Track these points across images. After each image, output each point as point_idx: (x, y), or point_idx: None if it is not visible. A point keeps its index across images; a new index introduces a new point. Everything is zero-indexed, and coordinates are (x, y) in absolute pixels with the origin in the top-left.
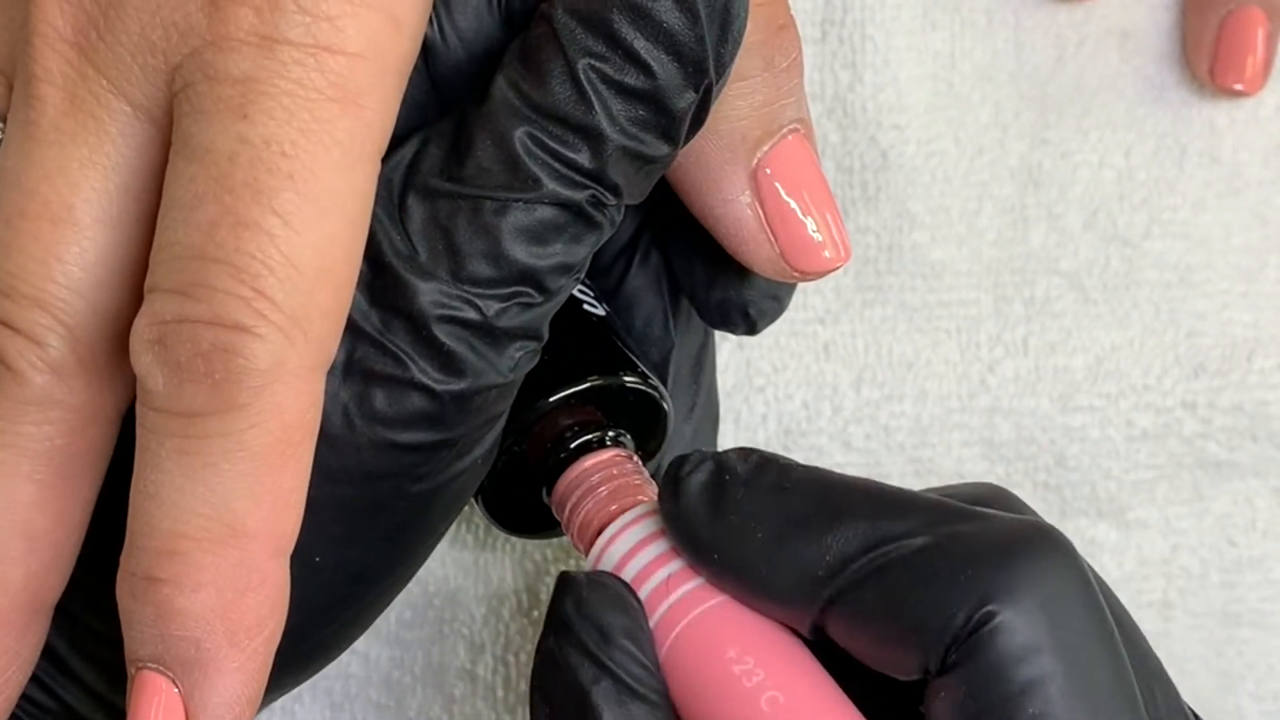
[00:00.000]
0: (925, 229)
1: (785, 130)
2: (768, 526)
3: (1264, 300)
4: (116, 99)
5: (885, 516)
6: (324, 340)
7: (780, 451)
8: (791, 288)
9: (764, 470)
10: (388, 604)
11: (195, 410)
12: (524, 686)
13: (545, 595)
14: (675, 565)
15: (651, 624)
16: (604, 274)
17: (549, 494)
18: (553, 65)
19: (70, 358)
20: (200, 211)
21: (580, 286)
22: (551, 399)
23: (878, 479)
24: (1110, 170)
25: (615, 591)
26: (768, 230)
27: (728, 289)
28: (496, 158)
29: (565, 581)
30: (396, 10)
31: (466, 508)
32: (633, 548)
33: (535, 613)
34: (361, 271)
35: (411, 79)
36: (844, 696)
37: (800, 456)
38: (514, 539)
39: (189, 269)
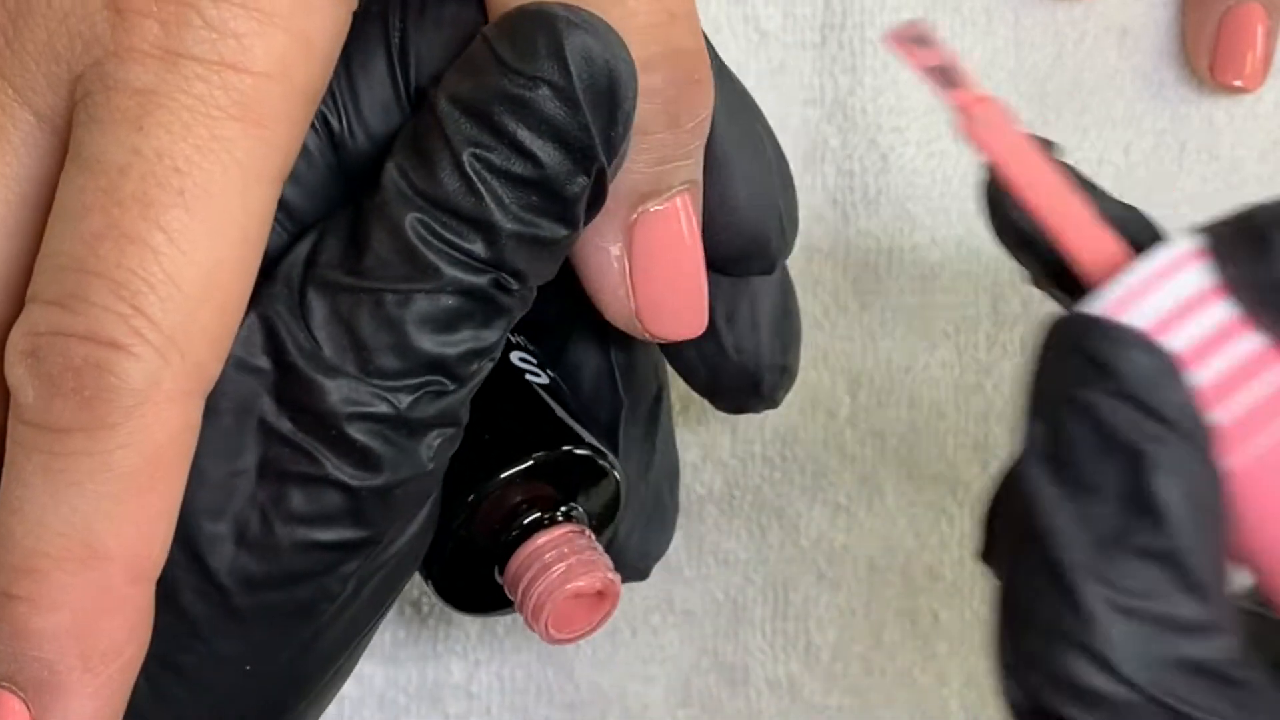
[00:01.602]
0: (925, 230)
1: (674, 191)
2: None
3: None
4: (20, 107)
5: None
6: (203, 363)
7: (776, 460)
8: (797, 353)
9: None
10: (329, 701)
11: (64, 426)
12: (519, 701)
13: None
14: (1254, 341)
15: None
16: (548, 337)
17: (501, 573)
18: (439, 155)
19: None
20: (85, 223)
21: (522, 354)
22: (495, 480)
23: (873, 486)
24: (1110, 167)
25: (1156, 345)
26: (628, 285)
27: (735, 378)
28: (393, 248)
29: (1080, 321)
30: (309, 31)
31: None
32: (1179, 308)
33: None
34: (267, 371)
35: (323, 173)
36: None
37: (796, 465)
38: None
39: (68, 281)
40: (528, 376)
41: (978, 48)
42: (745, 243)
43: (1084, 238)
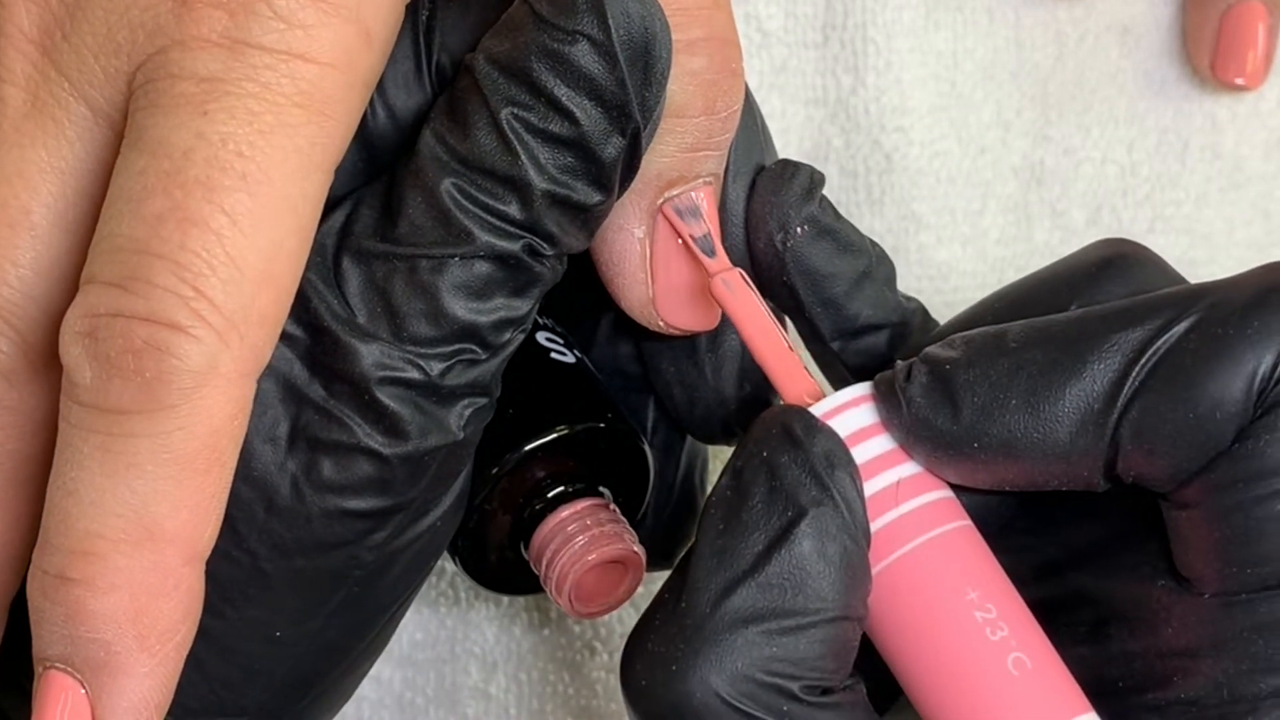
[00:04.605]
0: (931, 230)
1: (700, 180)
2: (1018, 390)
3: None
4: (76, 102)
5: (1128, 325)
6: (259, 346)
7: None
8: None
9: (978, 345)
10: (364, 673)
11: (122, 408)
12: (536, 704)
13: (555, 612)
14: (907, 469)
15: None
16: (579, 322)
17: (527, 548)
18: (477, 116)
19: (21, 363)
20: (147, 204)
21: (548, 334)
22: (519, 451)
23: None
24: (1113, 166)
25: (842, 440)
26: (649, 270)
27: (709, 406)
28: (427, 213)
29: (790, 409)
30: (370, 23)
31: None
32: (850, 435)
33: (546, 630)
34: (300, 339)
35: (349, 149)
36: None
37: None
38: None
39: (129, 262)
40: (553, 355)
41: (979, 47)
42: None
43: (790, 379)
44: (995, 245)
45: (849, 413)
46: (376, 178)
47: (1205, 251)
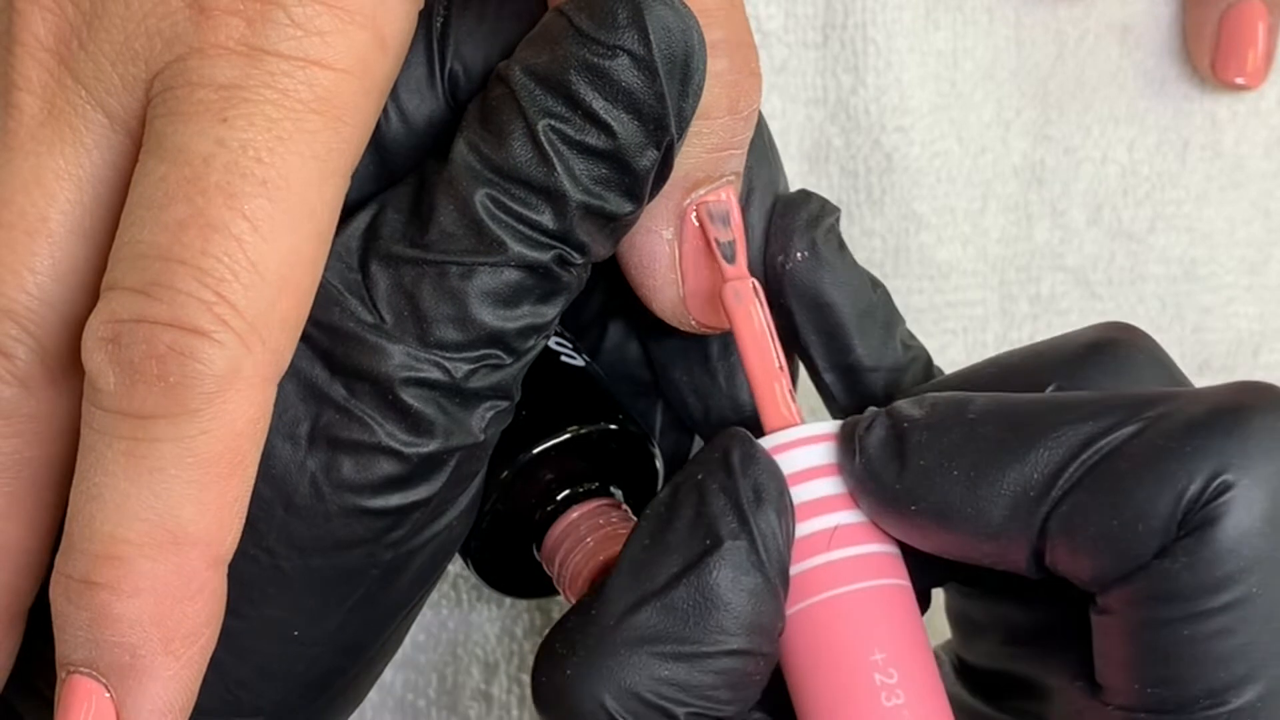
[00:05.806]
0: (931, 230)
1: (724, 179)
2: (962, 462)
3: (1269, 294)
4: (94, 110)
5: (1084, 418)
6: (280, 350)
7: None
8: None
9: (941, 409)
10: (379, 672)
11: (146, 412)
12: None
13: (557, 613)
14: (849, 517)
15: (794, 570)
16: (586, 328)
17: (539, 550)
18: (512, 126)
19: (39, 369)
20: (169, 211)
21: (557, 339)
22: (531, 453)
23: None
24: (1113, 165)
25: (783, 479)
26: (679, 271)
27: (724, 413)
28: (459, 222)
29: (736, 434)
30: (385, 30)
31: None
32: (800, 472)
33: (547, 632)
34: (321, 339)
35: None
36: None
37: None
38: None
39: (151, 268)
40: (563, 358)
41: (979, 46)
42: None
43: (768, 399)
44: (995, 245)
45: (810, 448)
46: (390, 182)
47: (1205, 250)
